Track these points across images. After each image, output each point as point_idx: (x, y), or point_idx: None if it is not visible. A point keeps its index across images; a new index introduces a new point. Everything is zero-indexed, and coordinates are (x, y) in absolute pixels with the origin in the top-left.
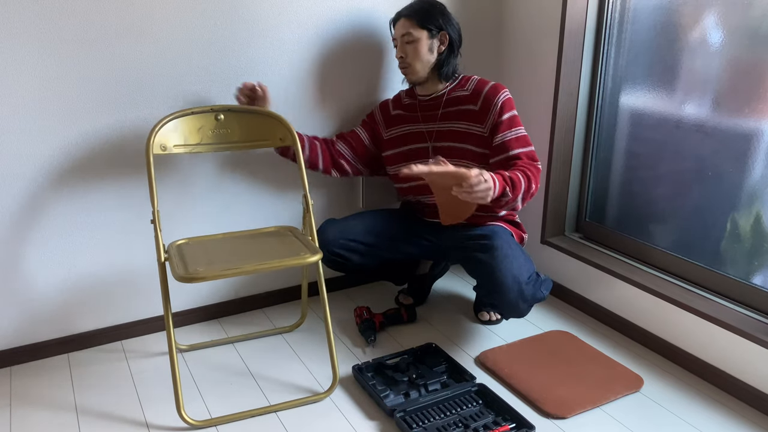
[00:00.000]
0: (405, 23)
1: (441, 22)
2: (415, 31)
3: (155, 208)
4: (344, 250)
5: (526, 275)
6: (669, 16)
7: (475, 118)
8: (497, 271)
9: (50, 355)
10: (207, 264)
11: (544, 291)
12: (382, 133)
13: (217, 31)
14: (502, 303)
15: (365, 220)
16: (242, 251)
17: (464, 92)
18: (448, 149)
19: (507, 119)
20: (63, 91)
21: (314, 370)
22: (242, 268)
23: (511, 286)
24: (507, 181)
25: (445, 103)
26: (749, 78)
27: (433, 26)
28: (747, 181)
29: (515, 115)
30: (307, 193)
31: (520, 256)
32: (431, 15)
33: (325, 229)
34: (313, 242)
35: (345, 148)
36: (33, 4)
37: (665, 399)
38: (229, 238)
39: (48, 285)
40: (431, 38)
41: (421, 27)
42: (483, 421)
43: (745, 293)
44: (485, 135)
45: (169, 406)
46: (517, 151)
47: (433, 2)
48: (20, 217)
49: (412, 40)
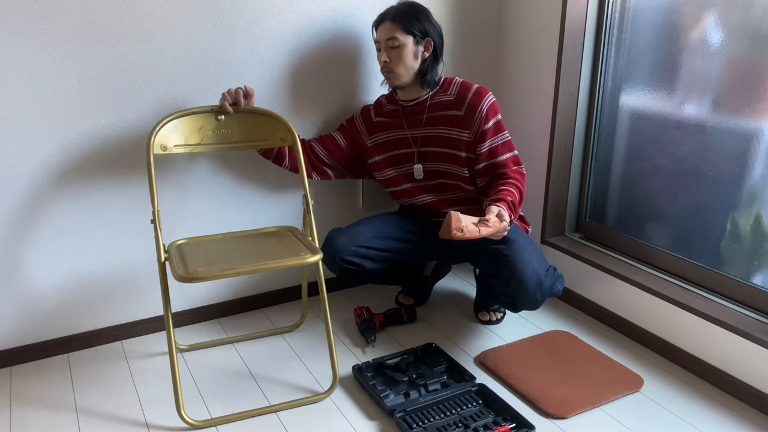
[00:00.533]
0: (390, 27)
1: (426, 28)
2: (401, 36)
3: (155, 208)
4: (357, 257)
5: (544, 268)
6: (669, 16)
7: (460, 123)
8: (518, 262)
9: (50, 355)
10: (207, 264)
11: (559, 285)
12: (365, 141)
13: (217, 31)
14: (520, 293)
15: (372, 225)
16: (243, 251)
17: (448, 97)
18: (436, 155)
19: (493, 125)
20: (63, 91)
21: (314, 370)
22: (242, 269)
23: (531, 277)
24: (511, 207)
25: (429, 108)
26: (749, 78)
27: (419, 32)
28: (747, 181)
29: (500, 120)
30: (307, 193)
31: (536, 250)
32: (417, 20)
33: (334, 238)
34: (313, 242)
35: (324, 153)
36: (33, 4)
37: (665, 399)
38: (229, 238)
39: (48, 285)
40: (416, 44)
41: (407, 32)
42: (483, 421)
43: (745, 293)
44: (471, 140)
45: (169, 406)
46: (504, 157)
47: (418, 6)
48: (20, 217)
49: (397, 45)
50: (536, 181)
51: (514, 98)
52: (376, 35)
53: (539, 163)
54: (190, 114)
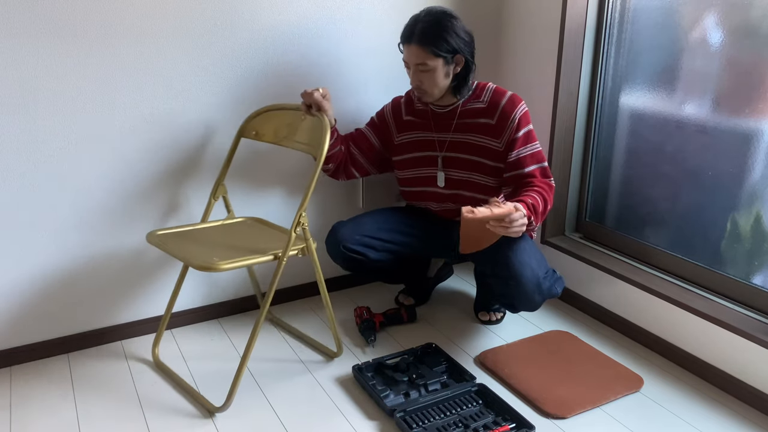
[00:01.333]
0: (418, 52)
1: (455, 44)
2: (430, 61)
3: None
4: (361, 246)
5: (543, 270)
6: (669, 16)
7: (491, 132)
8: (517, 263)
9: (50, 355)
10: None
11: (558, 288)
12: (393, 138)
13: (218, 31)
14: (518, 294)
15: (377, 217)
16: (239, 241)
17: (480, 104)
18: (462, 161)
19: (523, 135)
20: (63, 90)
21: (314, 369)
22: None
23: (530, 278)
24: (531, 209)
25: (460, 114)
26: (749, 78)
27: (448, 52)
28: (747, 181)
29: (531, 129)
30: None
31: (537, 252)
32: (444, 40)
33: (338, 229)
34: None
35: (358, 152)
36: (33, 4)
37: (665, 399)
38: (206, 228)
39: (48, 285)
40: (447, 64)
41: (436, 56)
42: (483, 421)
43: (745, 293)
44: (501, 150)
45: (169, 406)
46: (531, 168)
47: (444, 21)
48: (20, 216)
49: (427, 69)
50: None
51: None
52: (404, 55)
53: None
54: (280, 109)
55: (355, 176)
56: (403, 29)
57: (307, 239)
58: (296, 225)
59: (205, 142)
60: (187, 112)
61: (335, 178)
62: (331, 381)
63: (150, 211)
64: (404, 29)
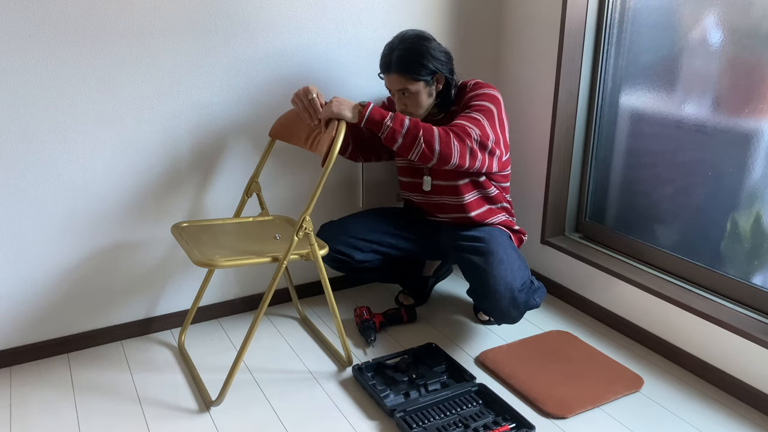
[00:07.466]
0: (398, 79)
1: (433, 66)
2: (411, 86)
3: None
4: (346, 247)
5: (520, 282)
6: (669, 16)
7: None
8: (490, 277)
9: (50, 355)
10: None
11: (537, 299)
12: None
13: (218, 31)
14: (493, 309)
15: (364, 219)
16: (246, 240)
17: (456, 106)
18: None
19: (477, 104)
20: (63, 90)
21: (314, 369)
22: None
23: (504, 293)
24: (395, 115)
25: (444, 119)
26: (749, 78)
27: (427, 74)
28: (747, 181)
29: (489, 107)
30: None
31: (515, 262)
32: (421, 65)
33: (326, 229)
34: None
35: (371, 140)
36: (33, 4)
37: (665, 399)
38: (230, 224)
39: (48, 285)
40: (428, 86)
41: (416, 81)
42: (483, 421)
43: (745, 293)
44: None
45: (168, 406)
46: (458, 121)
47: (419, 45)
48: (20, 216)
49: (410, 94)
50: (536, 181)
51: (514, 98)
52: (386, 83)
53: (539, 163)
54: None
55: (371, 160)
56: (381, 59)
57: (312, 244)
58: (298, 229)
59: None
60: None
61: (353, 160)
62: (331, 381)
63: (150, 211)
64: (381, 59)
